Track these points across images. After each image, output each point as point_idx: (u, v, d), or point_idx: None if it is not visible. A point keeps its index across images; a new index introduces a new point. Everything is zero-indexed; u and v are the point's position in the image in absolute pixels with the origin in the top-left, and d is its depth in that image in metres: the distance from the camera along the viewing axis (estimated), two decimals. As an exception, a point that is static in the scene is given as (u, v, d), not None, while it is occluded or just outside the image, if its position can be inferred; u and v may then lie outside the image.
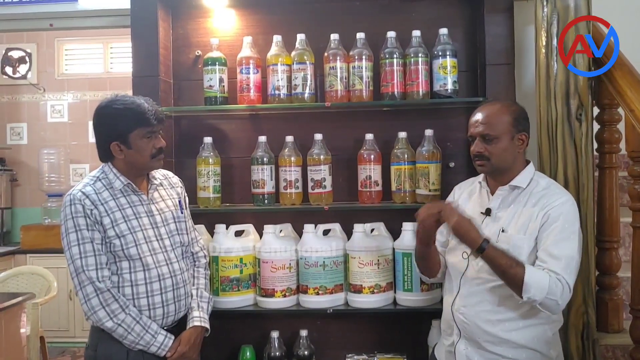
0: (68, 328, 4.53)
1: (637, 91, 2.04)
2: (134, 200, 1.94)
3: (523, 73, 2.54)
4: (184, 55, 2.67)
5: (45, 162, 4.91)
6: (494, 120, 1.84)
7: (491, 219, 1.87)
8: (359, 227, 2.40)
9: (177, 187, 2.12)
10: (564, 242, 1.75)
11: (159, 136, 1.94)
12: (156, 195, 2.01)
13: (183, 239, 2.04)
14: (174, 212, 2.03)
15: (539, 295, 1.69)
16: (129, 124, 1.87)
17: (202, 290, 2.08)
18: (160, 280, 1.91)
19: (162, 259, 1.93)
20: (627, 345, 2.11)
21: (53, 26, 3.05)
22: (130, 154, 1.90)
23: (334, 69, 2.42)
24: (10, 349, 2.88)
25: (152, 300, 1.89)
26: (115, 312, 1.83)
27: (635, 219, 2.05)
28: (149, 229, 1.93)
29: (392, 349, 2.52)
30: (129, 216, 1.90)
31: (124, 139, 1.88)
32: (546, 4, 2.20)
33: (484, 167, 1.87)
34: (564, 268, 1.72)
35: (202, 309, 2.04)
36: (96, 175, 1.94)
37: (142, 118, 1.87)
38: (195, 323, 1.99)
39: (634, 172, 2.05)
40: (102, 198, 1.88)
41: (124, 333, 1.84)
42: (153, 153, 1.91)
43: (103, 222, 1.85)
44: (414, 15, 2.56)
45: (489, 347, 1.80)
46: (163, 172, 2.12)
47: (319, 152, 2.45)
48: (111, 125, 1.89)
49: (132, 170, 1.94)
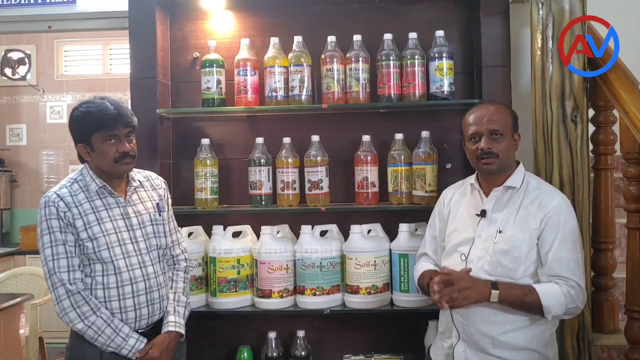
0: (67, 329, 4.49)
1: (631, 93, 2.05)
2: (110, 203, 1.92)
3: (519, 75, 2.55)
4: (182, 57, 2.68)
5: (45, 163, 4.92)
6: (501, 117, 1.86)
7: (486, 221, 1.87)
8: (356, 228, 2.40)
9: (159, 189, 2.08)
10: (568, 244, 1.79)
11: (125, 141, 1.89)
12: (135, 197, 1.99)
13: (160, 241, 2.00)
14: (151, 214, 1.99)
15: (561, 310, 1.75)
16: (90, 127, 1.86)
17: (180, 294, 2.04)
18: (132, 284, 1.90)
19: (136, 262, 1.92)
20: (622, 346, 2.11)
21: (52, 28, 3.07)
22: (94, 156, 1.89)
23: (331, 71, 2.43)
24: (9, 350, 2.89)
25: (124, 303, 1.88)
26: (86, 314, 1.83)
27: (631, 220, 2.05)
28: (123, 231, 1.92)
29: (389, 350, 2.53)
30: (103, 219, 1.89)
31: (87, 141, 1.88)
32: (541, 6, 2.21)
33: (492, 165, 1.85)
34: (573, 271, 1.77)
35: (179, 313, 2.00)
36: (74, 177, 1.94)
37: (102, 122, 1.85)
38: (169, 328, 1.95)
39: (629, 173, 2.06)
40: (77, 200, 1.87)
41: (94, 335, 1.84)
42: (116, 157, 1.88)
43: (76, 225, 1.85)
44: (411, 18, 2.58)
45: (488, 349, 1.81)
46: (146, 174, 2.10)
47: (316, 154, 2.46)
48: (76, 127, 1.90)
49: (103, 174, 1.92)
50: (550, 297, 1.74)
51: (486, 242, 1.85)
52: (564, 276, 1.76)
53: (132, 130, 1.93)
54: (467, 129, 1.89)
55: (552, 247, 1.78)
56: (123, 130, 1.89)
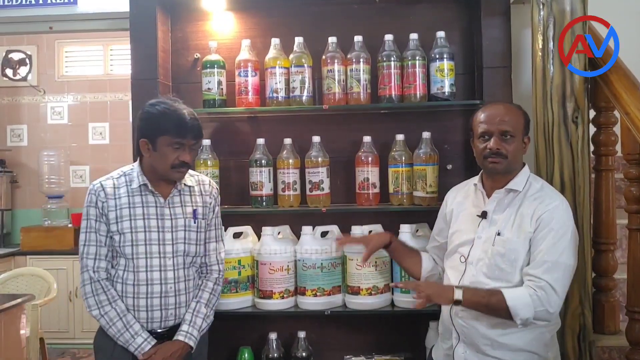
0: (68, 329, 4.53)
1: (632, 94, 2.05)
2: (148, 201, 1.95)
3: (520, 76, 2.55)
4: (183, 58, 2.68)
5: (46, 163, 4.90)
6: (514, 118, 1.84)
7: (487, 222, 1.87)
8: (357, 229, 2.40)
9: (206, 195, 2.06)
10: (552, 247, 1.75)
11: (187, 151, 1.91)
12: (177, 199, 1.99)
13: (189, 248, 1.98)
14: (187, 220, 1.98)
15: (529, 313, 1.70)
16: (160, 127, 1.88)
17: (202, 305, 2.01)
18: (148, 285, 1.91)
19: (157, 264, 1.93)
20: (623, 347, 2.11)
21: (53, 29, 3.07)
22: (154, 156, 1.91)
23: (331, 71, 2.43)
24: (10, 351, 2.89)
25: (137, 302, 1.91)
26: (103, 303, 1.89)
27: (632, 221, 2.05)
28: (153, 231, 1.93)
29: (390, 351, 2.53)
30: (136, 215, 1.92)
31: (153, 139, 1.90)
32: (542, 7, 2.21)
33: (499, 165, 1.83)
34: (545, 271, 1.72)
35: (194, 324, 1.98)
36: (125, 170, 2.00)
37: (174, 126, 1.87)
38: (179, 337, 1.95)
39: (630, 174, 2.06)
40: (117, 193, 1.93)
41: (106, 325, 1.89)
42: (175, 164, 1.90)
43: (109, 217, 1.91)
44: (412, 19, 2.58)
45: (487, 350, 1.81)
46: (200, 179, 2.09)
47: (317, 155, 2.46)
48: (146, 123, 1.92)
49: (154, 173, 1.95)
50: (516, 298, 1.70)
51: (485, 244, 1.85)
52: (535, 275, 1.72)
53: (197, 143, 1.96)
54: (478, 127, 1.86)
55: (538, 247, 1.76)
56: (191, 141, 1.91)
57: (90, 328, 4.22)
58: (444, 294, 1.80)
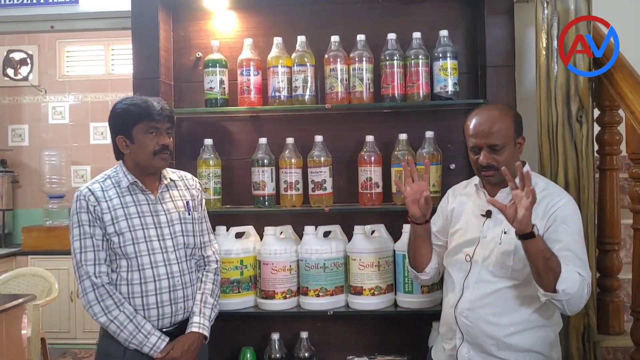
0: (69, 329, 4.53)
1: (637, 93, 2.04)
2: (140, 199, 1.95)
3: (523, 75, 2.55)
4: (185, 57, 2.67)
5: (47, 163, 4.90)
6: (499, 129, 1.81)
7: (492, 221, 1.86)
8: (360, 229, 2.39)
9: (192, 189, 2.10)
10: (577, 243, 1.76)
11: (165, 134, 1.94)
12: (166, 195, 2.01)
13: (188, 240, 2.01)
14: (181, 213, 2.01)
15: (573, 289, 1.65)
16: (133, 118, 1.91)
17: (207, 296, 2.04)
18: (155, 281, 1.91)
19: (161, 260, 1.93)
20: (628, 348, 2.11)
21: (54, 28, 3.07)
22: (134, 149, 1.93)
23: (334, 70, 2.42)
24: (11, 351, 2.88)
25: (147, 300, 1.90)
26: (110, 308, 1.85)
27: (636, 221, 2.04)
28: (151, 228, 1.93)
29: (393, 351, 2.51)
30: (131, 214, 1.92)
31: (128, 133, 1.92)
32: (546, 6, 2.20)
33: (493, 178, 1.84)
34: (584, 268, 1.72)
35: (204, 314, 2.00)
36: (108, 173, 1.99)
37: (145, 112, 1.90)
38: (193, 329, 1.96)
39: (635, 174, 2.05)
40: (107, 195, 1.92)
41: (116, 330, 1.86)
42: (156, 150, 1.92)
43: (104, 219, 1.89)
44: (415, 17, 2.57)
45: (492, 350, 1.80)
46: (181, 174, 2.12)
47: (320, 154, 2.45)
48: (119, 119, 1.94)
49: (138, 168, 1.96)
50: (569, 271, 1.66)
51: (491, 242, 1.84)
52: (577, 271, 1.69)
53: (172, 127, 1.98)
54: (467, 139, 1.87)
55: (563, 241, 1.73)
56: (165, 124, 1.94)
57: (91, 328, 4.21)
58: (530, 221, 1.66)
